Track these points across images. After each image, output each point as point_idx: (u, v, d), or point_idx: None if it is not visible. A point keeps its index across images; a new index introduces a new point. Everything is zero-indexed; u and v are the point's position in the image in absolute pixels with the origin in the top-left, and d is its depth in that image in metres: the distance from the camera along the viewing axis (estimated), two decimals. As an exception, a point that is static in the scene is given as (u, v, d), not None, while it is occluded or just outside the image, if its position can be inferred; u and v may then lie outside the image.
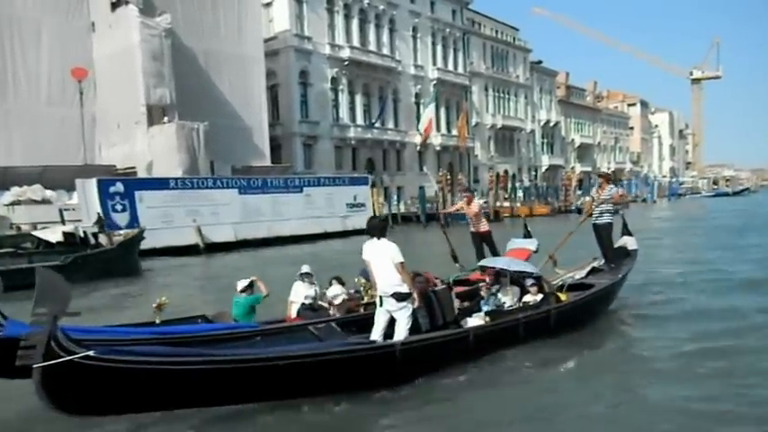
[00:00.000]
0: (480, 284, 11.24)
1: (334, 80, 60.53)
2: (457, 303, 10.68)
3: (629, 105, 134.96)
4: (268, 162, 51.00)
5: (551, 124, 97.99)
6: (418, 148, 69.02)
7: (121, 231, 27.87)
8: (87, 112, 43.30)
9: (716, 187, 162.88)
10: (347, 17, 62.13)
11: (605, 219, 13.00)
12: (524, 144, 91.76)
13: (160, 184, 36.83)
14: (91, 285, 20.73)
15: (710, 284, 15.79)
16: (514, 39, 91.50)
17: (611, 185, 13.11)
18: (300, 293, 10.98)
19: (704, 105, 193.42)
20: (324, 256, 31.61)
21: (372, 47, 64.53)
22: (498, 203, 64.29)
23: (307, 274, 11.28)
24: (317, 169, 56.57)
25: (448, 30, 75.23)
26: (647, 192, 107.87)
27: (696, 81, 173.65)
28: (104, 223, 27.53)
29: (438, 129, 72.84)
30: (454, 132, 72.98)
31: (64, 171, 38.68)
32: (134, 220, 34.49)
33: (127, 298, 19.63)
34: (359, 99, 63.11)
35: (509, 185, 78.00)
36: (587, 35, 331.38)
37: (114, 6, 42.10)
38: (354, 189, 47.37)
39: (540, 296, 10.57)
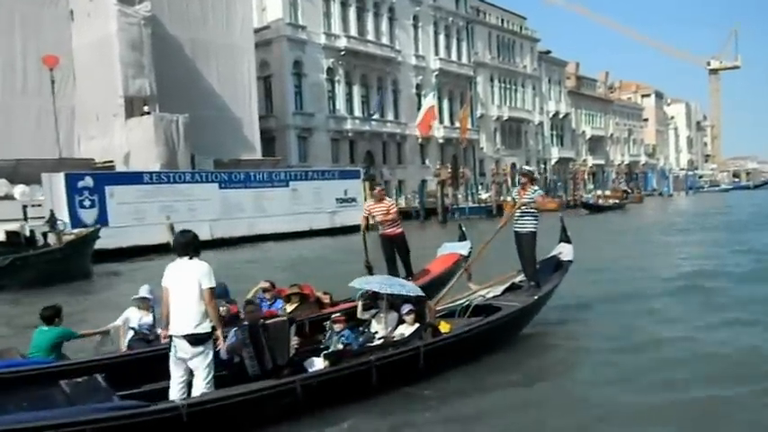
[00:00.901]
0: (338, 314, 9.16)
1: (331, 71, 58.72)
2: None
3: (644, 96, 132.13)
4: (259, 155, 49.40)
5: (561, 116, 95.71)
6: (419, 140, 67.14)
7: (74, 231, 25.98)
8: (67, 104, 41.80)
9: (736, 180, 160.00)
10: (344, 5, 60.24)
11: (528, 226, 10.71)
12: (532, 136, 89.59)
13: (133, 178, 35.27)
14: (22, 293, 19.11)
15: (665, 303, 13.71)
16: (521, 28, 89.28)
17: (535, 187, 11.11)
18: (133, 320, 9.25)
19: (723, 96, 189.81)
20: (303, 257, 29.99)
21: (371, 36, 62.65)
22: (502, 197, 62.35)
23: (143, 298, 9.50)
24: (313, 163, 54.89)
25: (451, 18, 73.21)
26: (663, 185, 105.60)
27: (714, 71, 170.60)
28: (55, 221, 25.69)
29: (441, 121, 70.94)
30: (458, 124, 71.09)
31: (38, 165, 37.11)
32: (103, 217, 32.98)
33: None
34: (356, 90, 61.31)
35: (517, 179, 76.39)
36: (601, 24, 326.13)
37: (93, -6, 40.57)
38: (345, 183, 45.58)
39: (414, 327, 8.61)
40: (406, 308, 8.82)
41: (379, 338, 8.66)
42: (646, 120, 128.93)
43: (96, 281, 23.86)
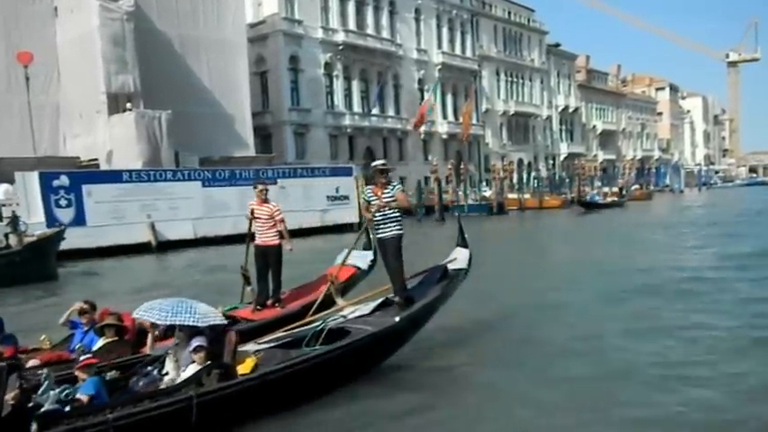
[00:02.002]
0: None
1: (328, 65, 57.75)
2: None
3: (658, 90, 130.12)
4: (252, 152, 48.54)
5: (570, 110, 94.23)
6: (422, 136, 66.00)
7: (37, 232, 25.22)
8: (51, 101, 41.22)
9: (753, 176, 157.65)
10: (342, -1, 59.34)
11: (392, 231, 9.22)
12: (540, 131, 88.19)
13: (112, 176, 34.47)
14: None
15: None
16: (529, 20, 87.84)
17: (394, 183, 9.35)
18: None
19: (742, 89, 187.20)
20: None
21: (370, 30, 61.60)
22: (509, 195, 61.32)
23: None
24: (311, 160, 54.01)
25: (455, 11, 72.02)
26: (675, 181, 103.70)
27: (732, 64, 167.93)
28: (17, 222, 24.95)
29: (445, 116, 69.89)
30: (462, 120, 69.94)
31: (20, 163, 36.46)
32: (80, 217, 32.30)
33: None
34: (356, 85, 60.32)
35: (524, 175, 75.14)
36: (615, 16, 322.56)
37: (78, -12, 39.85)
38: (337, 180, 44.55)
39: (198, 368, 6.73)
40: (194, 343, 6.88)
41: (168, 383, 6.75)
42: (660, 114, 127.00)
43: (62, 282, 23.11)
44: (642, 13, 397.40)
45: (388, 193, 9.22)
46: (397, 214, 9.24)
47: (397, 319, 8.38)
